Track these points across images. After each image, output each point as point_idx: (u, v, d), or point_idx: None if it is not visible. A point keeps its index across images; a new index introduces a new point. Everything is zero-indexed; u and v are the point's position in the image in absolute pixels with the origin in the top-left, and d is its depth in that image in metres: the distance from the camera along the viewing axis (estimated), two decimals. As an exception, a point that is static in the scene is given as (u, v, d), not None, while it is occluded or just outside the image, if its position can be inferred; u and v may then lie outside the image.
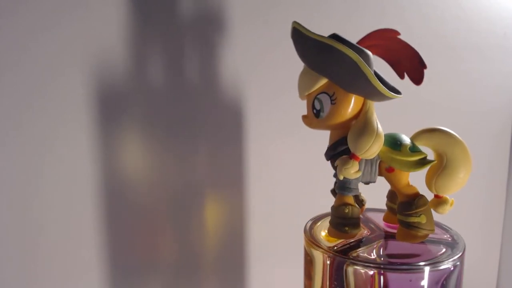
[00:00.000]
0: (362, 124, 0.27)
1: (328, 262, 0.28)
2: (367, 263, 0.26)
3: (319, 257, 0.29)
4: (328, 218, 0.31)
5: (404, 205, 0.28)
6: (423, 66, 0.26)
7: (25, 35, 0.34)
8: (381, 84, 0.25)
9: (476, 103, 0.49)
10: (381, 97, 0.26)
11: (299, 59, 0.28)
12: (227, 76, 0.40)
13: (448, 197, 0.28)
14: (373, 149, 0.26)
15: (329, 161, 0.29)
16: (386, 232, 0.31)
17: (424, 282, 0.26)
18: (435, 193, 0.28)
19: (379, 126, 0.27)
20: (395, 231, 0.29)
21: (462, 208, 0.51)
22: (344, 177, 0.27)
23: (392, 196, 0.31)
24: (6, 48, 0.33)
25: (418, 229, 0.27)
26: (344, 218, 0.28)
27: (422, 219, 0.27)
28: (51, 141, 0.36)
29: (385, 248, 0.29)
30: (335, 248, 0.28)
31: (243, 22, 0.39)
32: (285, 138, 0.42)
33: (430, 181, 0.28)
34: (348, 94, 0.27)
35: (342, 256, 0.27)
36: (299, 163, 0.43)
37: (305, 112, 0.29)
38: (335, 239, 0.29)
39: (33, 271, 0.37)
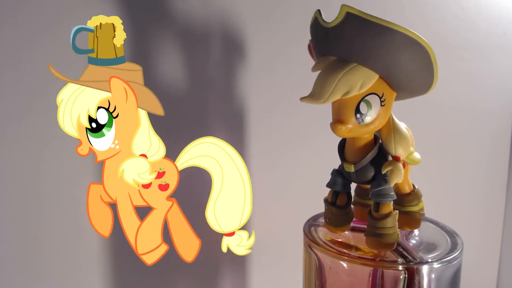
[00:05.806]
0: (398, 126, 0.25)
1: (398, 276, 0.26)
2: (419, 263, 0.26)
3: (326, 260, 0.28)
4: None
5: (413, 196, 0.29)
6: None
7: (25, 35, 0.34)
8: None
9: (476, 103, 0.49)
10: (419, 94, 0.25)
11: (317, 57, 0.25)
12: (230, 78, 0.40)
13: None
14: (410, 149, 0.26)
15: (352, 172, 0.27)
16: None
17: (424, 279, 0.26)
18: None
19: None
20: None
21: (462, 208, 0.51)
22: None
23: (362, 191, 0.31)
24: (6, 48, 0.33)
25: (422, 214, 0.29)
26: (394, 226, 0.26)
27: (423, 204, 0.29)
28: (52, 141, 0.36)
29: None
30: (384, 258, 0.27)
31: (246, 24, 0.39)
32: (286, 139, 0.42)
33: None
34: (393, 93, 0.25)
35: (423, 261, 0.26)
36: (299, 164, 0.43)
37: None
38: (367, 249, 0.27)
39: (33, 271, 0.37)
